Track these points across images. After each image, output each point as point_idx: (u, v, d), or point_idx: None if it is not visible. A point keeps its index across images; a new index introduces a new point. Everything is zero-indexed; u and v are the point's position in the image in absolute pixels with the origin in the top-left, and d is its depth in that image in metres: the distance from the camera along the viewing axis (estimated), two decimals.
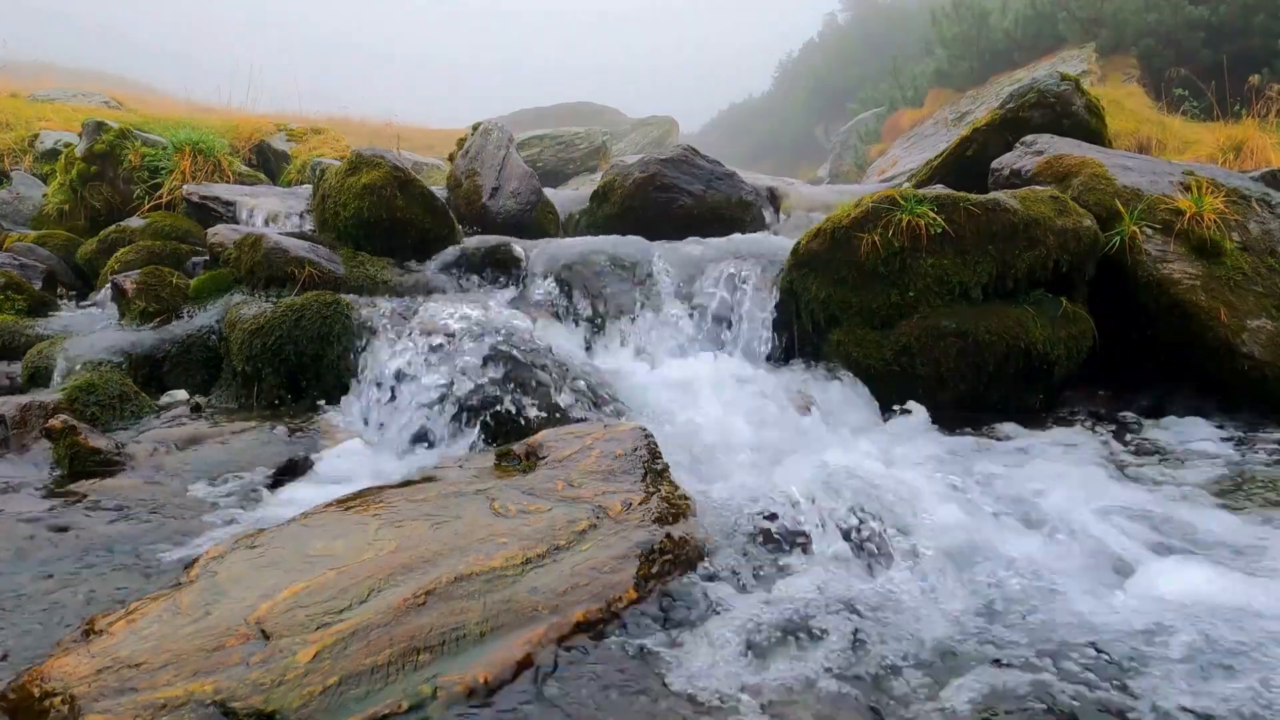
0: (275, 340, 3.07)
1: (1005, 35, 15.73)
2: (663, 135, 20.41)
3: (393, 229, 3.98)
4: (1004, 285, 3.23)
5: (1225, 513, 2.15)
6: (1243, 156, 7.25)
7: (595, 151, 14.22)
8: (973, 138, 4.73)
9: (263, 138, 8.73)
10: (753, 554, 1.77)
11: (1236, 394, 3.16)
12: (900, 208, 3.18)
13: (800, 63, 34.40)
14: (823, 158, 22.30)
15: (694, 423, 2.76)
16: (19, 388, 3.20)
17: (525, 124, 16.41)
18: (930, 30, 18.02)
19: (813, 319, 3.38)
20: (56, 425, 2.40)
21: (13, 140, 8.25)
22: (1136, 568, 1.81)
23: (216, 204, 5.43)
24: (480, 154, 5.09)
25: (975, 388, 3.18)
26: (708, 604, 1.58)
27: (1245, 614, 1.55)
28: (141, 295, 3.65)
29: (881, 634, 1.50)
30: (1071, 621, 1.55)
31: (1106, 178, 3.68)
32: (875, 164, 14.93)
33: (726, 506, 1.96)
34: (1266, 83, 9.60)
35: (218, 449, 2.57)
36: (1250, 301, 3.26)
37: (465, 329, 2.89)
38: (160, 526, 2.04)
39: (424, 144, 12.58)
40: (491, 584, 1.48)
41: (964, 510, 2.07)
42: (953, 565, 1.77)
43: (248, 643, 1.30)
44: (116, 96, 12.40)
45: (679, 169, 4.90)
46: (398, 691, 1.20)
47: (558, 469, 2.03)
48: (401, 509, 1.84)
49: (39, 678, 1.25)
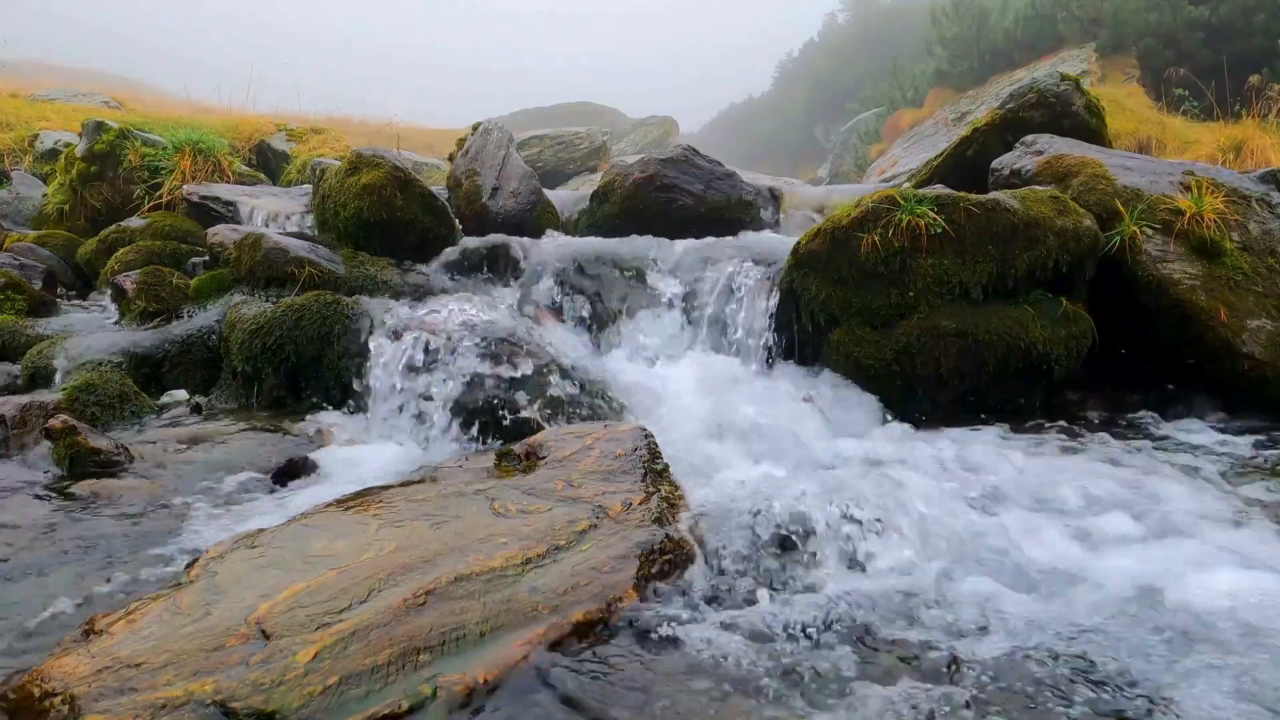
0: (275, 340, 3.07)
1: (1005, 35, 15.72)
2: (663, 135, 20.41)
3: (393, 229, 3.98)
4: (1004, 285, 3.23)
5: (1226, 511, 2.15)
6: (1243, 156, 7.25)
7: (595, 151, 14.22)
8: (973, 138, 4.72)
9: (263, 138, 8.73)
10: (753, 554, 1.77)
11: (1236, 394, 3.16)
12: (900, 208, 3.18)
13: (800, 63, 34.41)
14: (823, 158, 22.30)
15: (693, 422, 2.76)
16: (19, 388, 3.20)
17: (525, 124, 16.40)
18: (930, 30, 18.00)
19: (813, 319, 3.38)
20: (56, 425, 2.41)
21: (13, 140, 8.26)
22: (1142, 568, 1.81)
23: (216, 204, 5.42)
24: (480, 154, 5.09)
25: (975, 388, 3.18)
26: (708, 604, 1.58)
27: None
28: (141, 295, 3.65)
29: (881, 634, 1.50)
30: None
31: (1106, 178, 3.68)
32: (875, 164, 14.93)
33: (726, 506, 1.96)
34: (1266, 83, 9.60)
35: (218, 449, 2.57)
36: (1250, 301, 3.26)
37: (465, 329, 2.89)
38: (160, 526, 2.04)
39: (424, 144, 12.57)
40: (491, 584, 1.48)
41: (963, 510, 2.07)
42: (951, 565, 1.77)
43: (248, 643, 1.30)
44: (116, 96, 12.41)
45: (679, 169, 4.89)
46: (398, 691, 1.20)
47: (558, 469, 2.03)
48: (401, 509, 1.84)
49: (39, 678, 1.25)
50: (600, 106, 24.71)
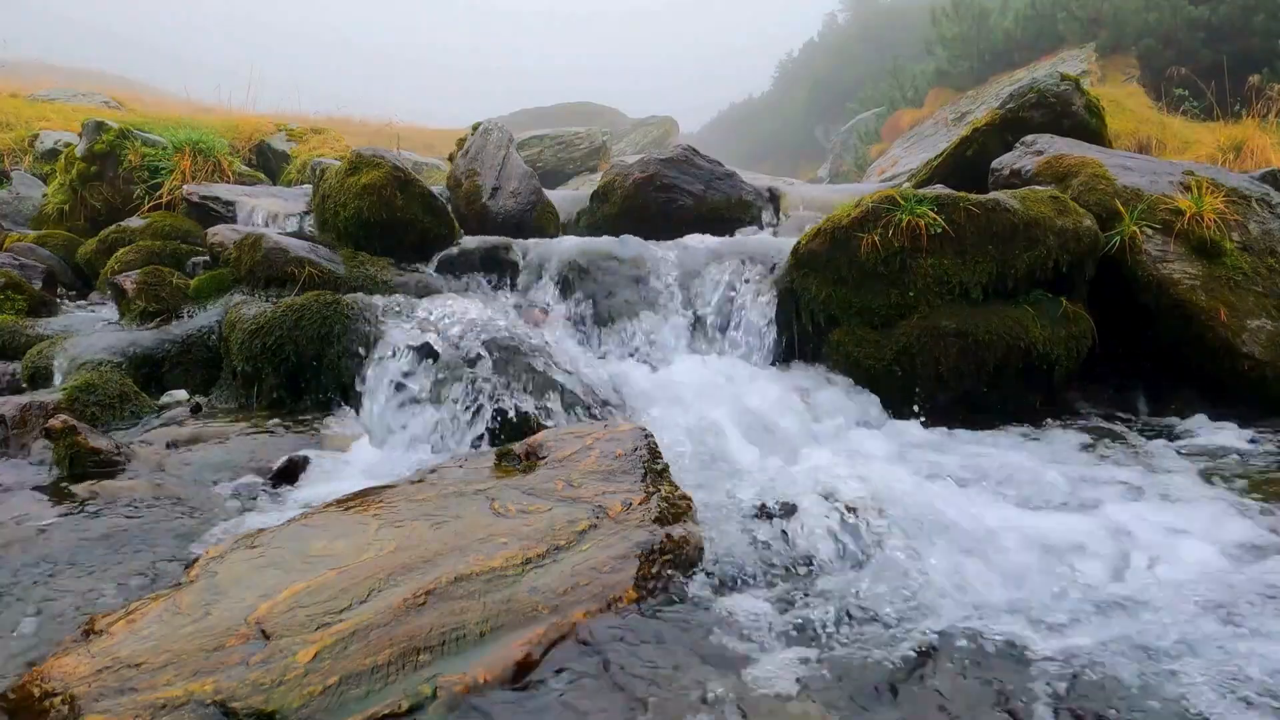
0: (275, 340, 3.07)
1: (1005, 35, 15.73)
2: (663, 135, 20.41)
3: (393, 229, 3.98)
4: (1004, 285, 3.23)
5: (1226, 510, 2.15)
6: (1243, 156, 7.25)
7: (595, 151, 14.22)
8: (973, 138, 4.73)
9: (263, 138, 8.73)
10: (753, 553, 1.77)
11: (1236, 394, 3.16)
12: (900, 208, 3.18)
13: (800, 63, 34.41)
14: (823, 158, 22.31)
15: (694, 422, 2.76)
16: (19, 388, 3.20)
17: (525, 124, 16.40)
18: (930, 30, 18.01)
19: (813, 319, 3.38)
20: (56, 425, 2.40)
21: (13, 140, 8.25)
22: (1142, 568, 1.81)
23: (216, 204, 5.42)
24: (480, 154, 5.09)
25: (975, 388, 3.18)
26: (708, 604, 1.58)
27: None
28: (141, 295, 3.65)
29: (882, 633, 1.50)
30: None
31: (1106, 178, 3.68)
32: (875, 164, 14.93)
33: (726, 506, 1.96)
34: (1266, 83, 9.60)
35: (218, 449, 2.57)
36: (1250, 301, 3.26)
37: (465, 329, 2.89)
38: (160, 526, 2.04)
39: (424, 144, 12.57)
40: (491, 584, 1.48)
41: (963, 510, 2.06)
42: (950, 564, 1.77)
43: (248, 643, 1.30)
44: (116, 96, 12.40)
45: (679, 169, 4.90)
46: (398, 691, 1.20)
47: (558, 469, 2.02)
48: (401, 509, 1.84)
49: (39, 678, 1.25)
50: (600, 106, 24.71)
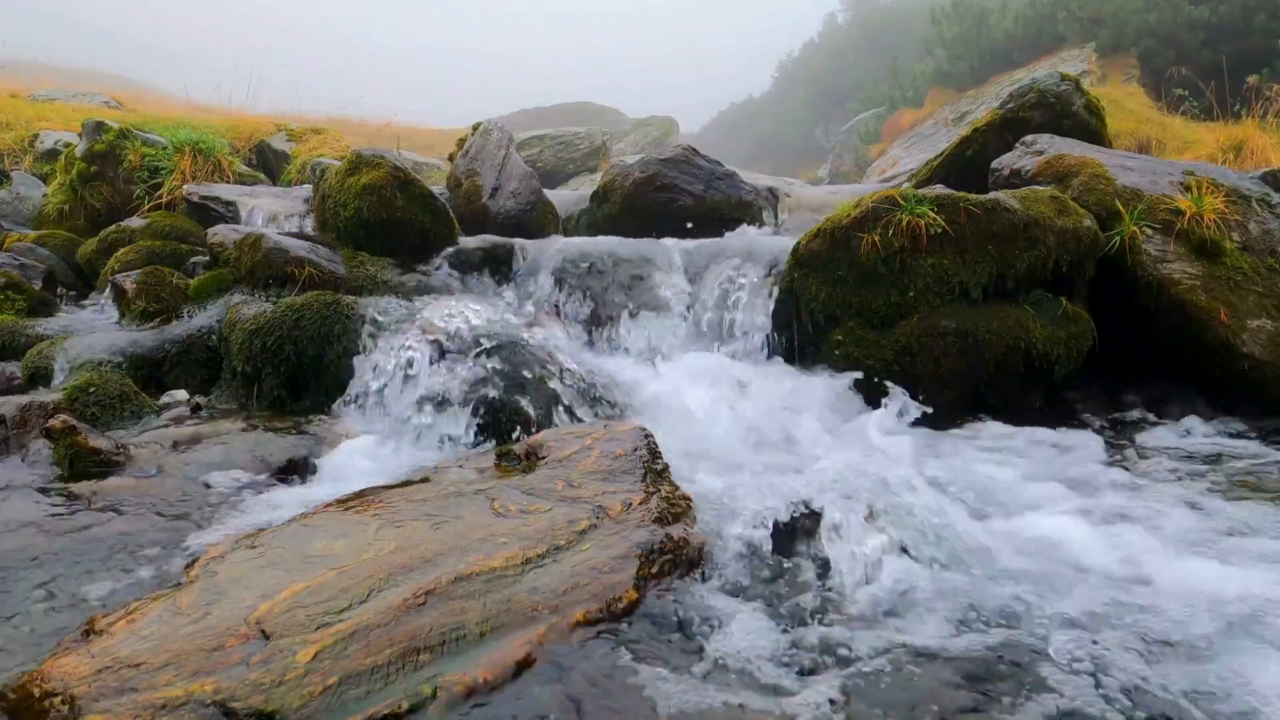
0: (275, 340, 3.07)
1: (1005, 35, 15.73)
2: (663, 135, 20.39)
3: (393, 229, 3.98)
4: (1004, 285, 3.23)
5: (1226, 509, 2.15)
6: (1243, 156, 7.25)
7: (595, 151, 14.21)
8: (973, 138, 4.72)
9: (263, 138, 8.73)
10: (753, 553, 1.77)
11: (1236, 394, 3.16)
12: (900, 208, 3.18)
13: (800, 63, 34.36)
14: (823, 158, 22.29)
15: (694, 423, 2.76)
16: (19, 388, 3.20)
17: (525, 124, 16.40)
18: (930, 30, 18.01)
19: (813, 319, 3.38)
20: (56, 425, 2.40)
21: (13, 140, 8.25)
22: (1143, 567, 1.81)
23: (216, 204, 5.42)
24: (480, 154, 5.09)
25: (975, 388, 3.18)
26: (708, 604, 1.58)
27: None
28: (141, 295, 3.65)
29: (881, 633, 1.50)
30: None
31: (1106, 178, 3.68)
32: (875, 164, 14.93)
33: (726, 506, 1.96)
34: (1266, 83, 9.60)
35: (217, 449, 2.57)
36: (1250, 301, 3.26)
37: (464, 329, 2.89)
38: (160, 527, 2.04)
39: (424, 144, 12.58)
40: (491, 584, 1.48)
41: (962, 510, 2.07)
42: (948, 564, 1.77)
43: (248, 643, 1.30)
44: (116, 96, 12.40)
45: (679, 169, 4.89)
46: (398, 692, 1.20)
47: (558, 469, 2.03)
48: (401, 509, 1.84)
49: (39, 678, 1.25)
50: (600, 106, 24.70)
